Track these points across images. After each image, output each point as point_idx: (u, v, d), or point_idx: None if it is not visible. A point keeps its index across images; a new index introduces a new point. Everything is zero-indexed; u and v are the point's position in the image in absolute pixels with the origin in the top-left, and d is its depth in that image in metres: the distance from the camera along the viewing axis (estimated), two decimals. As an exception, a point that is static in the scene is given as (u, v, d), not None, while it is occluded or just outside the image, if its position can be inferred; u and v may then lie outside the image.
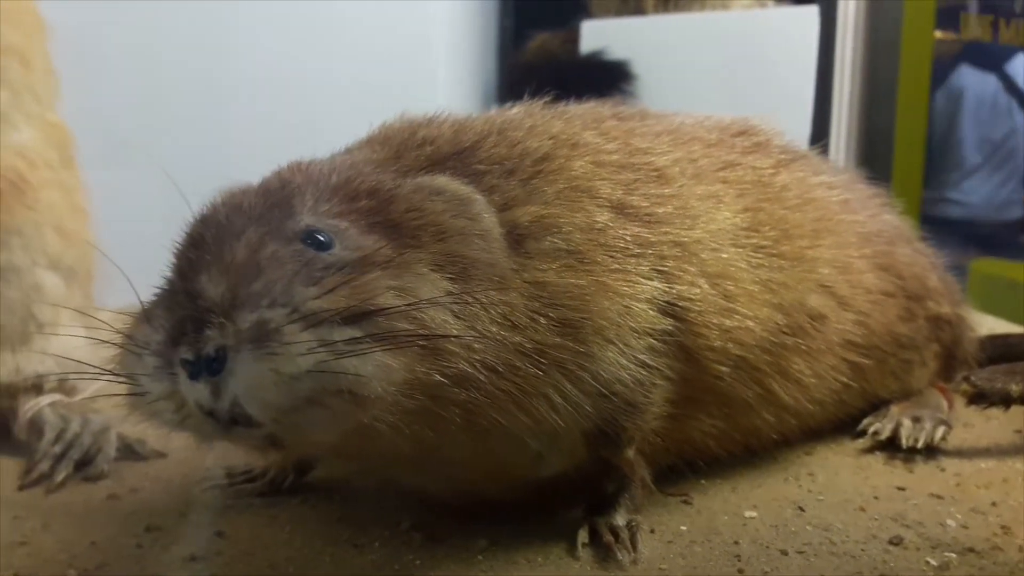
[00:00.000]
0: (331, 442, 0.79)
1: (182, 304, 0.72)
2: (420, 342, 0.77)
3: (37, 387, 1.30)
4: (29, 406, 1.28)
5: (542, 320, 0.87)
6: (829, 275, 1.19)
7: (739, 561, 0.97)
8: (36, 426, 1.27)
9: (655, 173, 1.07)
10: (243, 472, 1.17)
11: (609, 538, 0.98)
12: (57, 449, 1.21)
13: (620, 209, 0.99)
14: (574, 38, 3.08)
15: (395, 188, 0.90)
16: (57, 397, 1.30)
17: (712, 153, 1.17)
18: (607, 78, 2.86)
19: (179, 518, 1.07)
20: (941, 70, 3.35)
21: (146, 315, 0.79)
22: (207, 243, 0.78)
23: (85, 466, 1.21)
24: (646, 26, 2.96)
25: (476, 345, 0.81)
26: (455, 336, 0.78)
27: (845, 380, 1.25)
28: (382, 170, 0.94)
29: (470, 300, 0.82)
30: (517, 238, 0.91)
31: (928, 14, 3.28)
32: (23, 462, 1.26)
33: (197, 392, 0.70)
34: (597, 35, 2.98)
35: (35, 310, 1.27)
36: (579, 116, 1.13)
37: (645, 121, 1.19)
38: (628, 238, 0.97)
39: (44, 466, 1.19)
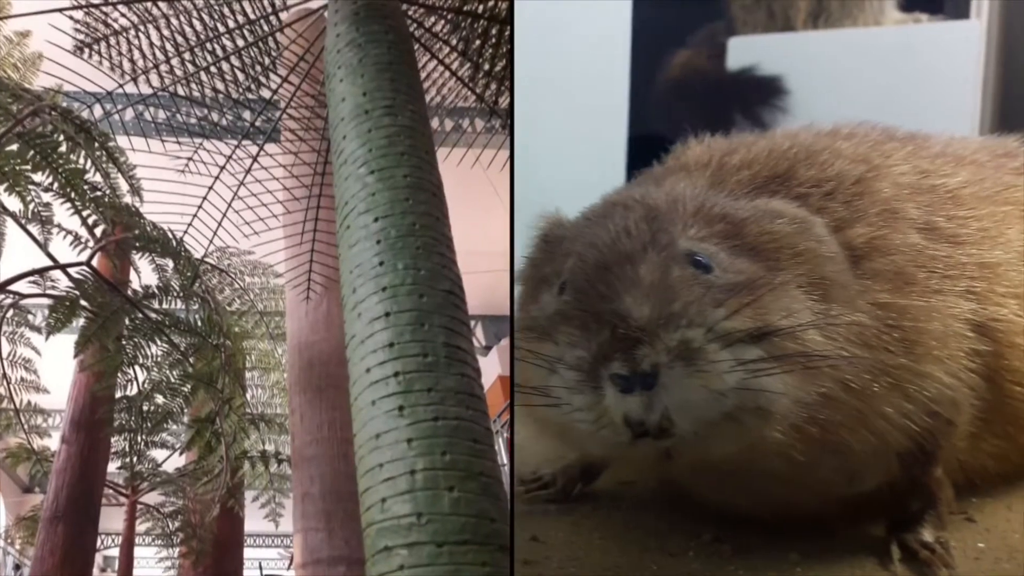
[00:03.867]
0: (726, 455, 0.83)
1: (608, 323, 0.77)
2: (807, 363, 0.81)
3: None
4: None
5: (887, 339, 0.90)
6: None
7: (1056, 579, 0.98)
8: None
9: (948, 195, 1.09)
10: (534, 480, 1.22)
11: (926, 554, 1.00)
12: None
13: (928, 230, 1.02)
14: (719, 54, 3.09)
15: (739, 212, 0.94)
16: None
17: (990, 175, 1.18)
18: (759, 94, 2.86)
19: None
20: None
21: (546, 332, 0.84)
22: (616, 266, 0.83)
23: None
24: (798, 42, 2.95)
25: (840, 365, 0.85)
26: (845, 357, 0.82)
27: None
28: (716, 195, 0.98)
29: (836, 321, 0.85)
30: (854, 259, 0.94)
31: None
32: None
33: (628, 404, 0.75)
34: (745, 51, 2.98)
35: None
36: (862, 138, 1.16)
37: (916, 141, 1.21)
38: (943, 258, 1.00)
39: None
